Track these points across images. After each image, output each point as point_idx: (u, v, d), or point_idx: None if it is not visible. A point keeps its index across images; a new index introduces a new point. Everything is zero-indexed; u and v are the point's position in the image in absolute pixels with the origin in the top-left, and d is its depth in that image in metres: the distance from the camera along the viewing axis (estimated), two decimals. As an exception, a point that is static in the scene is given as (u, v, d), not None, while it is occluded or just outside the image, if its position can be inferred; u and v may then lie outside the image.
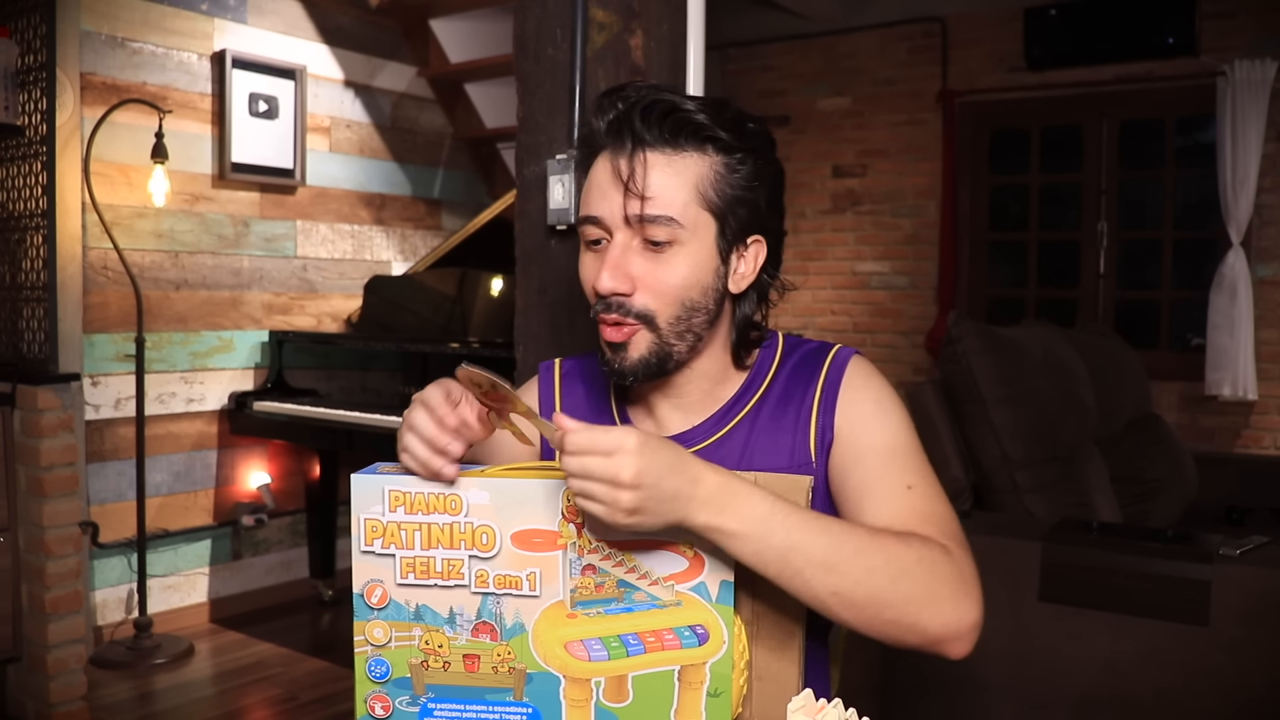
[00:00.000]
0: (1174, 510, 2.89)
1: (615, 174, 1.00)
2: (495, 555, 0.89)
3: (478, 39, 4.10)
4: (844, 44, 4.87)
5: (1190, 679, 1.75)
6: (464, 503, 0.89)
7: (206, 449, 3.53)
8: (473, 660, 0.90)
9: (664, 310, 1.01)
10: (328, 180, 3.86)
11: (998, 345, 2.34)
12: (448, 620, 0.90)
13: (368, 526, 0.90)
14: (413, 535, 0.90)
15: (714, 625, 0.89)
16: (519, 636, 0.89)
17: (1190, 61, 4.00)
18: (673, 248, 1.00)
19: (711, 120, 1.00)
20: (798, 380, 1.09)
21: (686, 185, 1.00)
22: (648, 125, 0.99)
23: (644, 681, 0.89)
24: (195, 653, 3.21)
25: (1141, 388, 3.17)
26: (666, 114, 0.99)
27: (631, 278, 1.00)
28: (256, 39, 3.59)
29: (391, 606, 0.91)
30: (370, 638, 0.91)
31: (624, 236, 1.01)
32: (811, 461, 1.05)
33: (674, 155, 1.00)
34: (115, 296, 3.23)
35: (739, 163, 1.02)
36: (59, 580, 2.62)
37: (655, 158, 0.99)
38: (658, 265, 1.00)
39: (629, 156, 0.99)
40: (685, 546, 0.89)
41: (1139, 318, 4.38)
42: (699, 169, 1.00)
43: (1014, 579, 1.90)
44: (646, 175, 0.99)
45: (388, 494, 0.90)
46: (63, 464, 2.62)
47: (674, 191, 0.99)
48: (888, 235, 4.82)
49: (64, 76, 2.83)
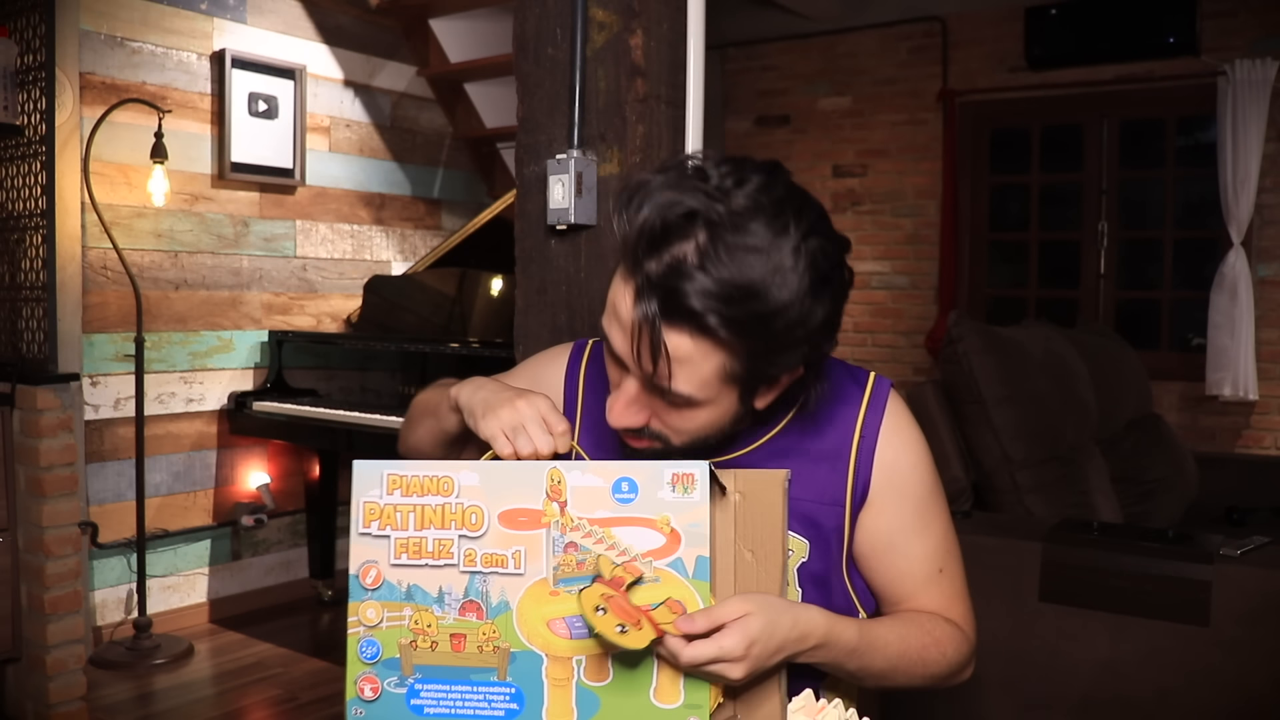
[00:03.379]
0: (1174, 510, 2.89)
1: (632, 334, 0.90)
2: (483, 534, 0.92)
3: (477, 39, 4.10)
4: (844, 43, 4.88)
5: (1190, 679, 1.75)
6: (455, 484, 0.93)
7: (206, 449, 3.53)
8: (459, 640, 0.92)
9: (682, 440, 0.99)
10: (327, 180, 3.86)
11: (998, 345, 2.34)
12: (436, 599, 0.92)
13: (366, 509, 0.94)
14: (407, 516, 0.93)
15: (691, 600, 0.90)
16: (504, 615, 0.91)
17: (1191, 61, 4.01)
18: (692, 408, 0.95)
19: (755, 322, 0.86)
20: (833, 409, 1.07)
21: (709, 371, 0.90)
22: (675, 307, 0.86)
23: (624, 658, 0.90)
24: (195, 653, 3.21)
25: (1142, 388, 3.17)
26: (689, 315, 0.85)
27: (646, 413, 0.97)
28: (256, 38, 3.59)
29: (385, 587, 0.93)
30: (363, 618, 0.94)
31: (636, 385, 0.95)
32: (843, 502, 1.06)
33: (700, 341, 0.88)
34: (114, 296, 3.23)
35: (783, 346, 0.90)
36: (58, 580, 2.62)
37: (678, 342, 0.88)
38: (678, 415, 0.96)
39: (647, 335, 0.87)
40: (661, 523, 0.91)
41: (1139, 317, 4.38)
42: (727, 358, 0.90)
43: (1014, 579, 1.91)
44: (668, 367, 0.89)
45: (386, 477, 0.94)
46: (62, 464, 2.62)
47: (694, 376, 0.90)
48: (888, 235, 4.81)
49: (63, 76, 2.83)
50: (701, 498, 0.90)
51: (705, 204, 0.86)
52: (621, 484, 0.91)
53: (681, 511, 0.91)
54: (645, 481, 0.91)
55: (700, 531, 0.90)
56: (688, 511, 0.91)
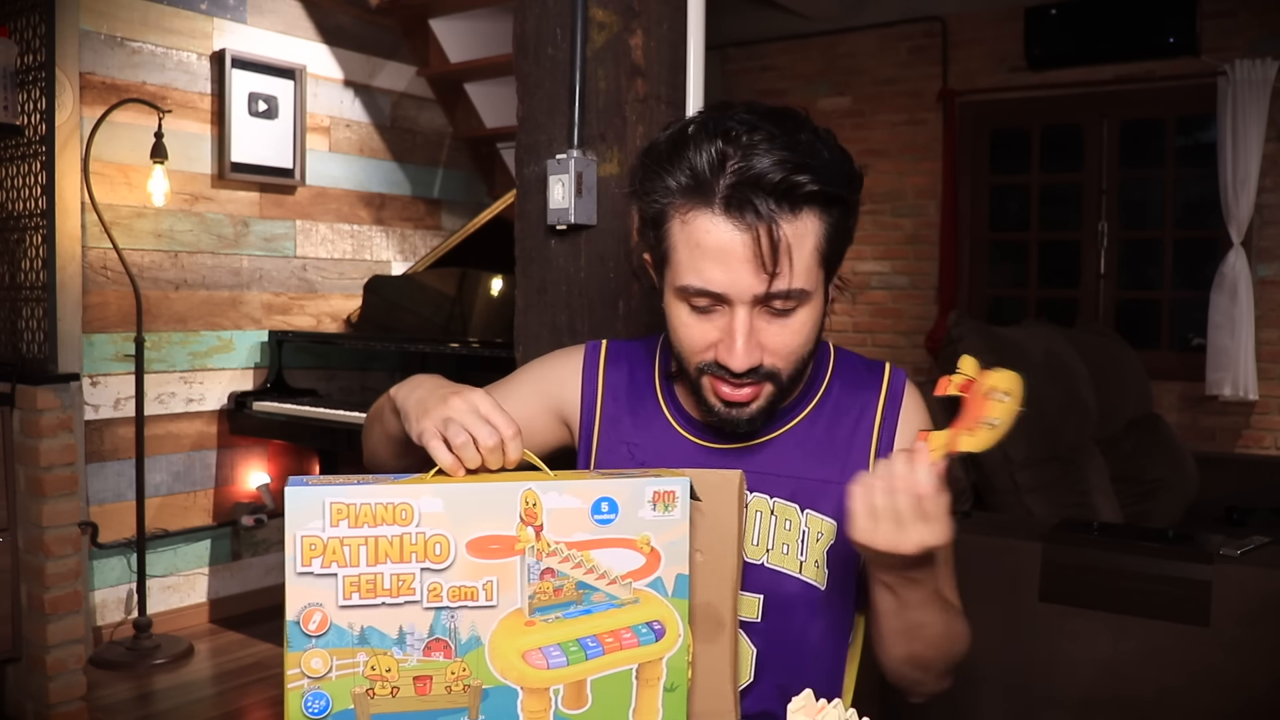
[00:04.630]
0: (1174, 510, 2.89)
1: (746, 249, 0.94)
2: (449, 566, 0.84)
3: (477, 38, 4.10)
4: (844, 43, 4.87)
5: (1191, 679, 1.76)
6: (415, 512, 0.83)
7: (206, 449, 3.53)
8: (424, 682, 0.84)
9: (789, 368, 1.01)
10: (327, 180, 3.86)
11: (998, 345, 2.34)
12: (397, 641, 0.84)
13: (305, 545, 0.82)
14: (357, 551, 0.83)
15: (670, 620, 0.89)
16: (475, 651, 0.85)
17: (1191, 61, 4.00)
18: (797, 309, 0.98)
19: (832, 182, 0.95)
20: (854, 393, 1.12)
21: (810, 251, 0.96)
22: (775, 197, 0.93)
23: (603, 684, 0.88)
24: (195, 653, 3.21)
25: (1142, 388, 3.17)
26: (793, 187, 0.93)
27: (759, 349, 0.98)
28: (256, 38, 3.59)
29: (332, 632, 0.83)
30: (307, 669, 0.83)
31: (747, 310, 0.97)
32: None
33: (797, 221, 0.95)
34: (114, 296, 3.23)
35: (851, 211, 1.00)
36: (58, 580, 2.62)
37: (786, 230, 0.94)
38: (784, 330, 0.99)
39: (765, 237, 0.93)
40: (641, 542, 0.89)
41: (1139, 317, 4.38)
42: (819, 231, 0.97)
43: (1014, 579, 1.91)
44: (789, 260, 0.94)
45: (329, 507, 0.82)
46: (62, 464, 2.62)
47: (802, 262, 0.96)
48: (888, 235, 4.81)
49: (63, 76, 2.83)
50: (682, 515, 0.89)
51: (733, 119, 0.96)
52: (601, 504, 0.87)
53: (662, 530, 0.88)
54: (626, 500, 0.88)
55: (680, 549, 0.89)
56: (668, 530, 0.89)
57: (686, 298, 0.99)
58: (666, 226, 0.99)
